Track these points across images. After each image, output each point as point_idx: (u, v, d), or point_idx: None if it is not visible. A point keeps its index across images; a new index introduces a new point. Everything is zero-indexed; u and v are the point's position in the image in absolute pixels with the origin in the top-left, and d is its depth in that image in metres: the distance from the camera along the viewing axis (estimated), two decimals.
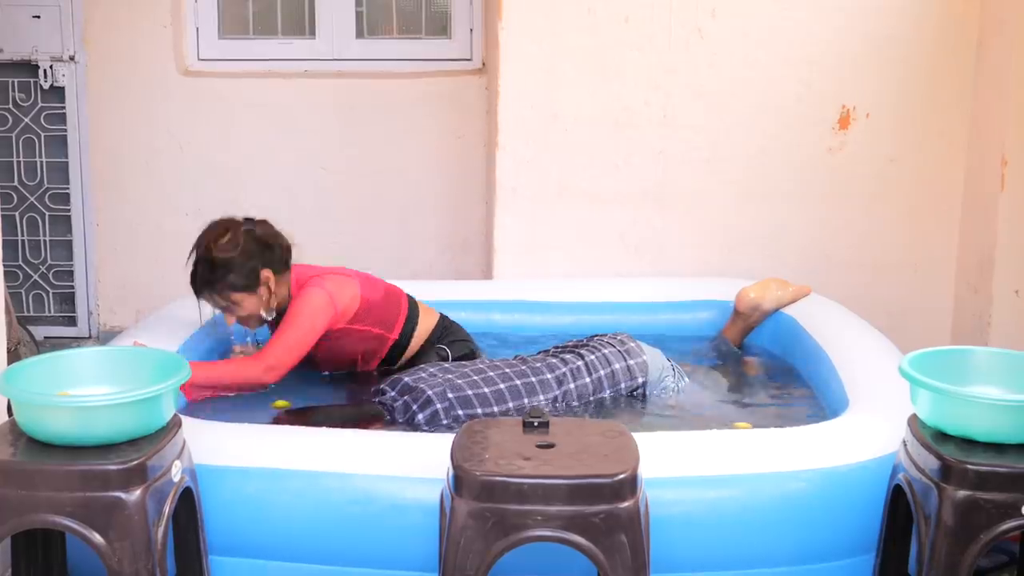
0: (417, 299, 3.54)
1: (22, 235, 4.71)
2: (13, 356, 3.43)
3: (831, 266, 4.25)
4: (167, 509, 2.22)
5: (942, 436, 2.31)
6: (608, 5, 4.13)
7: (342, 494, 2.48)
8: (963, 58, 4.21)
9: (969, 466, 2.20)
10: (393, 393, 3.07)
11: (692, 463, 2.54)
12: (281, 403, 3.20)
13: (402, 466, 2.50)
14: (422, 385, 3.01)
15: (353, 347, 3.39)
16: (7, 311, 3.36)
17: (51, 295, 4.77)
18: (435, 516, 2.29)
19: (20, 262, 4.72)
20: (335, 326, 3.31)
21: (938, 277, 4.36)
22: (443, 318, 3.56)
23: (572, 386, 3.15)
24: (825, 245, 4.27)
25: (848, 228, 4.30)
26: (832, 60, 4.20)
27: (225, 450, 2.55)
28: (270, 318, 3.30)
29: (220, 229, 3.24)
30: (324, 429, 2.83)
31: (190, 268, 3.23)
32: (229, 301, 3.24)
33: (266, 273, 3.23)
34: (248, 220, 3.29)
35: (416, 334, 3.47)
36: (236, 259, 3.20)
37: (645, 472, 2.22)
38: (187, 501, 2.36)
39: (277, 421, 3.03)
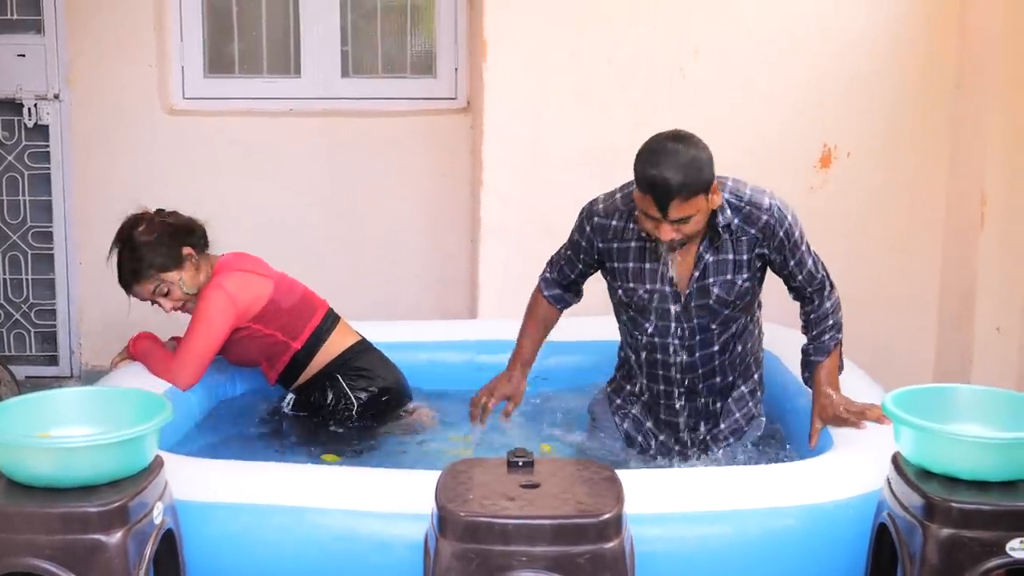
0: (343, 319, 3.58)
1: (4, 274, 4.69)
2: None
3: None
4: (148, 551, 2.21)
5: (926, 474, 2.32)
6: (591, 45, 4.17)
7: (326, 530, 2.48)
8: (942, 98, 4.27)
9: (953, 504, 2.21)
10: None
11: (678, 499, 2.56)
12: (330, 456, 3.24)
13: (387, 502, 2.51)
14: None
15: (255, 349, 3.45)
16: None
17: (33, 334, 4.75)
18: (420, 552, 2.28)
19: (2, 301, 4.70)
20: (238, 324, 3.37)
21: (920, 314, 4.40)
22: (360, 344, 3.56)
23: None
24: None
25: (830, 265, 4.26)
26: (813, 100, 4.26)
27: (209, 486, 2.56)
28: (194, 292, 3.37)
29: (135, 219, 3.39)
30: (308, 464, 2.83)
31: (114, 264, 3.37)
32: (159, 281, 3.34)
33: (187, 250, 3.36)
34: (159, 211, 3.44)
35: (321, 350, 3.49)
36: (156, 241, 3.34)
37: (631, 508, 2.23)
38: (168, 543, 2.35)
39: None
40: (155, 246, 3.34)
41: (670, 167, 2.79)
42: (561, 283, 3.27)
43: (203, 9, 4.66)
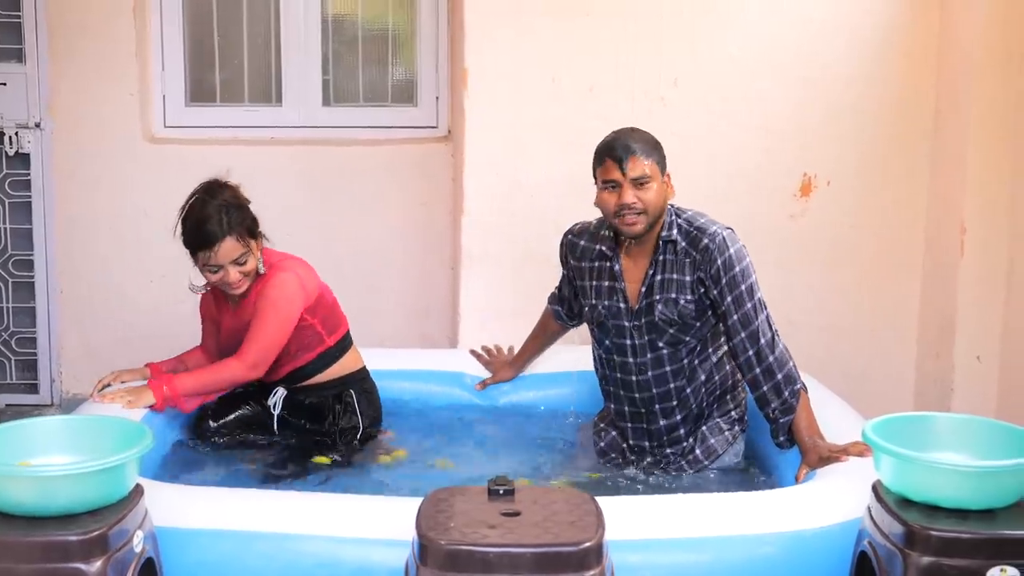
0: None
1: None
2: None
3: (793, 331, 4.27)
4: None
5: (906, 502, 2.34)
6: (572, 74, 4.21)
7: (308, 557, 2.49)
8: (921, 128, 4.32)
9: (933, 532, 2.23)
10: None
11: (659, 526, 2.57)
12: (322, 459, 3.32)
13: (368, 529, 2.52)
14: None
15: (291, 340, 3.38)
16: None
17: (13, 362, 4.74)
18: None
19: None
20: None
21: (900, 343, 4.43)
22: (366, 369, 3.59)
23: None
24: (787, 310, 4.31)
25: (810, 294, 4.37)
26: (793, 128, 4.30)
27: (189, 513, 2.56)
28: (262, 272, 3.31)
29: (219, 182, 3.31)
30: (291, 492, 2.84)
31: (201, 215, 3.23)
32: (246, 247, 3.25)
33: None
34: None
35: (343, 358, 3.50)
36: (246, 207, 3.31)
37: (612, 535, 2.23)
38: (149, 571, 2.35)
39: None
40: (245, 211, 3.28)
41: (630, 133, 3.17)
42: (561, 300, 3.57)
43: (185, 38, 4.68)
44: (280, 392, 3.46)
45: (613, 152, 3.12)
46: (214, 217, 3.21)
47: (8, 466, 2.25)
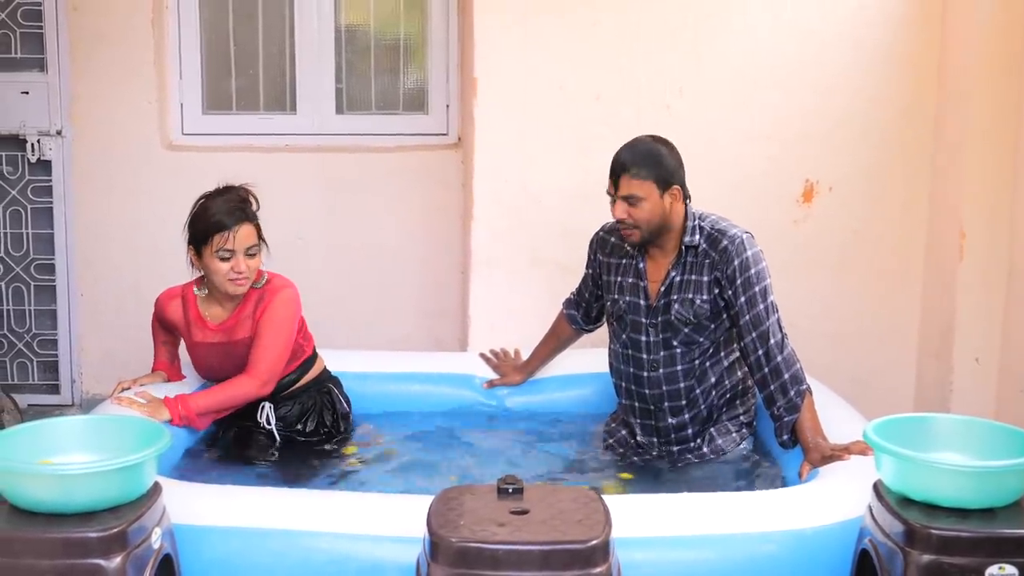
0: None
1: (7, 304, 4.74)
2: None
3: (796, 335, 4.25)
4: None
5: (906, 501, 2.36)
6: (579, 83, 4.23)
7: (320, 553, 2.52)
8: (922, 135, 4.32)
9: (933, 531, 2.26)
10: None
11: (664, 524, 2.60)
12: (351, 449, 3.42)
13: (380, 526, 2.55)
14: None
15: None
16: None
17: (35, 363, 4.79)
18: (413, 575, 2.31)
19: (5, 331, 4.75)
20: None
21: (901, 345, 4.43)
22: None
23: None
24: (790, 314, 4.28)
25: (813, 298, 4.36)
26: (796, 135, 4.30)
27: (205, 510, 2.59)
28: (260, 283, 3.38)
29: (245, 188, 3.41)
30: (304, 490, 2.87)
31: (222, 201, 3.34)
32: (259, 239, 3.35)
33: None
34: None
35: (317, 361, 3.60)
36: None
37: (618, 533, 2.26)
38: (167, 567, 2.38)
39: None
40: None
41: (630, 148, 3.26)
42: (578, 304, 3.66)
43: (202, 47, 4.72)
44: (268, 406, 3.49)
45: (612, 167, 3.25)
46: (235, 203, 3.31)
47: (30, 464, 2.29)
